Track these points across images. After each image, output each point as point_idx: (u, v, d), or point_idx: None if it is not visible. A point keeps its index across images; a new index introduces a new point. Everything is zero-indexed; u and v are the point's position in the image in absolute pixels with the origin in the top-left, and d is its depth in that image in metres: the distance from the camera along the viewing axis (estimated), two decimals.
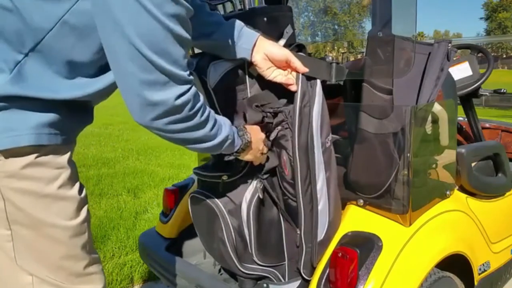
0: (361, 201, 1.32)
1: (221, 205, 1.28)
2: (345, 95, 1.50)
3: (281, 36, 1.22)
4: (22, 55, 0.78)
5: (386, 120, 1.27)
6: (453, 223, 1.42)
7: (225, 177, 1.24)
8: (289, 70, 1.15)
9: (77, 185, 0.89)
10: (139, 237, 1.84)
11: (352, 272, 1.12)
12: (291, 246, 1.33)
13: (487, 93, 2.25)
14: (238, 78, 1.18)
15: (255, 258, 1.31)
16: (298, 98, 1.13)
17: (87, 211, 0.92)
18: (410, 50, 1.29)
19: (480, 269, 1.50)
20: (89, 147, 5.87)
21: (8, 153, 0.78)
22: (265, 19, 1.20)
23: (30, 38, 0.77)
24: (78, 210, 0.88)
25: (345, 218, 1.31)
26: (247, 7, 1.28)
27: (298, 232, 1.25)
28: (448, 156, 1.49)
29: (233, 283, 1.47)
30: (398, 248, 1.20)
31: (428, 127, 1.35)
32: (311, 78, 1.17)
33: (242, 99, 1.20)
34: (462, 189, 1.58)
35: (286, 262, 1.34)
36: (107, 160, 5.09)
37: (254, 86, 1.20)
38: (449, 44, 1.37)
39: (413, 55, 1.28)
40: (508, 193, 1.76)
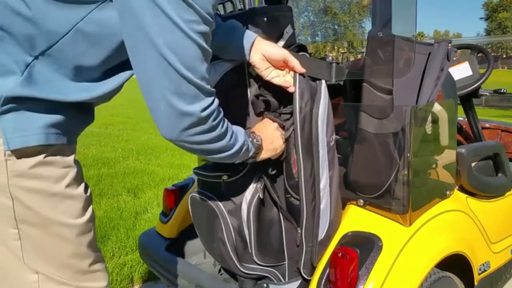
0: (361, 201, 1.32)
1: (221, 205, 1.28)
2: (345, 95, 1.50)
3: (281, 36, 1.22)
4: (32, 57, 0.78)
5: (386, 120, 1.27)
6: (453, 223, 1.43)
7: (225, 177, 1.25)
8: (287, 70, 1.15)
9: (83, 184, 0.91)
10: (139, 237, 1.84)
11: (352, 272, 1.12)
12: (291, 246, 1.33)
13: (487, 93, 2.25)
14: (238, 78, 1.18)
15: (255, 258, 1.31)
16: (297, 97, 1.14)
17: (92, 209, 0.94)
18: (410, 50, 1.29)
19: (480, 269, 1.50)
20: (89, 147, 5.88)
21: (18, 153, 0.79)
22: (265, 19, 1.20)
23: (42, 42, 0.78)
24: (85, 209, 0.90)
25: (345, 218, 1.31)
26: (247, 7, 1.28)
27: (299, 231, 1.25)
28: (448, 156, 1.49)
29: (233, 283, 1.47)
30: (398, 248, 1.20)
31: (428, 127, 1.35)
32: (314, 78, 1.18)
33: (242, 99, 1.20)
34: (462, 189, 1.58)
35: (286, 262, 1.34)
36: (107, 160, 5.09)
37: (254, 86, 1.20)
38: (449, 44, 1.38)
39: (413, 55, 1.28)
40: (508, 193, 1.77)
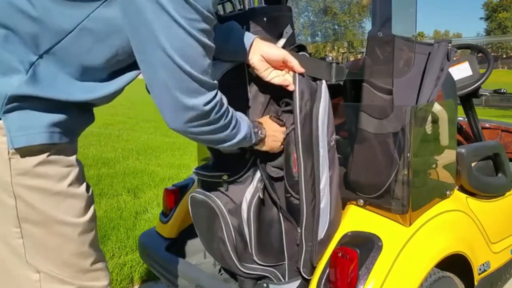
0: (361, 201, 1.32)
1: (221, 205, 1.28)
2: (345, 95, 1.50)
3: (280, 36, 1.22)
4: (36, 56, 0.79)
5: (386, 120, 1.27)
6: (453, 223, 1.43)
7: (225, 177, 1.25)
8: (287, 70, 1.15)
9: (84, 183, 0.92)
10: (139, 237, 1.84)
11: (352, 272, 1.12)
12: (291, 246, 1.33)
13: (487, 93, 2.25)
14: (238, 78, 1.18)
15: (255, 258, 1.31)
16: (297, 96, 1.14)
17: (94, 209, 0.94)
18: (410, 50, 1.29)
19: (480, 269, 1.50)
20: (89, 147, 5.87)
21: (22, 151, 0.80)
22: (264, 19, 1.20)
23: (47, 40, 0.79)
24: (87, 208, 0.90)
25: (345, 218, 1.31)
26: (246, 7, 1.28)
27: (299, 230, 1.25)
28: (448, 156, 1.49)
29: (233, 283, 1.47)
30: (398, 248, 1.20)
31: (428, 127, 1.35)
32: (314, 78, 1.18)
33: (242, 99, 1.20)
34: (462, 189, 1.58)
35: (286, 262, 1.34)
36: (107, 160, 5.09)
37: (254, 86, 1.20)
38: (449, 44, 1.38)
39: (413, 55, 1.28)
40: (508, 193, 1.77)
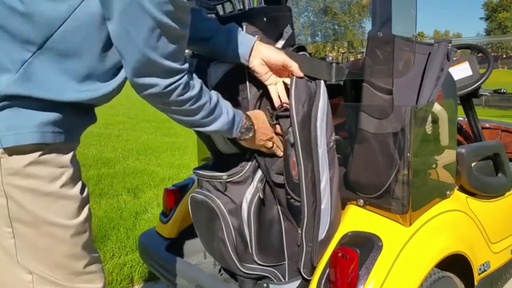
0: (361, 201, 1.32)
1: (221, 205, 1.28)
2: (345, 95, 1.50)
3: (280, 36, 1.22)
4: (29, 53, 0.78)
5: (386, 120, 1.27)
6: (453, 223, 1.42)
7: (225, 177, 1.25)
8: (287, 73, 1.15)
9: (79, 184, 0.90)
10: (139, 237, 1.84)
11: (352, 272, 1.12)
12: (291, 246, 1.33)
13: (487, 93, 2.25)
14: (238, 78, 1.18)
15: (255, 258, 1.31)
16: (293, 100, 1.13)
17: (89, 210, 0.93)
18: (410, 50, 1.29)
19: (480, 269, 1.50)
20: (89, 147, 5.87)
21: (12, 151, 0.78)
22: (264, 19, 1.20)
23: (37, 36, 0.78)
24: (80, 209, 0.89)
25: (345, 218, 1.31)
26: (246, 7, 1.28)
27: (299, 231, 1.25)
28: (448, 156, 1.49)
29: (233, 283, 1.47)
30: (398, 248, 1.20)
31: (428, 127, 1.35)
32: (314, 78, 1.17)
33: (242, 99, 1.20)
34: (462, 189, 1.58)
35: (286, 262, 1.35)
36: (107, 160, 5.09)
37: (253, 86, 1.20)
38: (449, 44, 1.37)
39: (413, 55, 1.28)
40: (508, 193, 1.76)
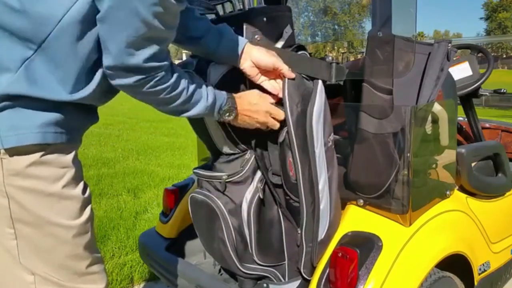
0: (361, 201, 1.32)
1: (221, 205, 1.28)
2: (345, 95, 1.50)
3: (280, 36, 1.22)
4: (31, 51, 0.78)
5: (386, 120, 1.27)
6: (453, 223, 1.42)
7: (225, 177, 1.25)
8: (277, 76, 1.14)
9: (81, 185, 0.90)
10: (139, 237, 1.84)
11: (352, 272, 1.12)
12: (291, 246, 1.33)
13: (487, 93, 2.25)
14: (238, 79, 1.18)
15: (255, 258, 1.31)
16: (287, 101, 1.13)
17: (91, 210, 0.93)
18: (410, 50, 1.29)
19: (480, 269, 1.50)
20: (89, 147, 5.87)
21: (14, 151, 0.78)
22: (264, 19, 1.20)
23: (36, 34, 0.78)
24: (82, 210, 0.89)
25: (345, 218, 1.31)
26: (246, 7, 1.28)
27: (299, 231, 1.25)
28: (448, 156, 1.49)
29: (233, 283, 1.47)
30: (398, 248, 1.20)
31: (428, 127, 1.35)
32: (312, 78, 1.17)
33: None
34: (462, 189, 1.58)
35: (286, 262, 1.35)
36: (107, 160, 5.09)
37: (253, 87, 1.20)
38: (449, 44, 1.37)
39: (413, 55, 1.28)
40: (508, 193, 1.76)
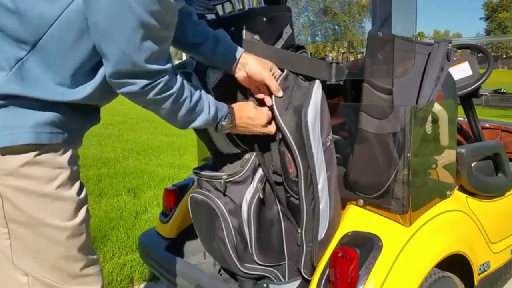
0: (361, 201, 1.32)
1: (221, 205, 1.28)
2: (345, 95, 1.50)
3: (280, 36, 1.22)
4: (24, 52, 0.78)
5: (386, 120, 1.26)
6: (453, 223, 1.42)
7: (225, 177, 1.25)
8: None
9: (76, 186, 0.89)
10: (139, 237, 1.84)
11: (352, 272, 1.12)
12: (291, 246, 1.33)
13: (487, 93, 2.25)
14: (237, 80, 1.18)
15: (255, 258, 1.31)
16: (278, 117, 1.15)
17: (86, 211, 0.92)
18: (410, 50, 1.29)
19: (480, 269, 1.50)
20: (89, 147, 5.87)
21: (6, 151, 0.78)
22: (264, 19, 1.20)
23: (30, 35, 0.77)
24: (77, 211, 0.88)
25: (345, 218, 1.31)
26: (246, 7, 1.28)
27: (299, 231, 1.25)
28: (448, 156, 1.49)
29: (233, 283, 1.47)
30: (398, 248, 1.20)
31: (428, 127, 1.35)
32: (309, 78, 1.17)
33: (241, 100, 1.20)
34: (462, 189, 1.58)
35: (286, 262, 1.35)
36: (107, 160, 5.09)
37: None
38: (449, 44, 1.37)
39: (413, 55, 1.28)
40: (508, 193, 1.76)
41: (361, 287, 1.12)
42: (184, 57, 1.42)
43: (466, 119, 2.23)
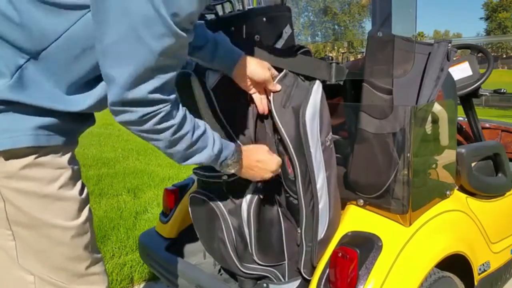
0: (361, 201, 1.32)
1: (221, 205, 1.28)
2: (345, 95, 1.50)
3: (280, 36, 1.22)
4: (24, 59, 0.78)
5: (386, 120, 1.26)
6: (453, 223, 1.42)
7: (225, 177, 1.24)
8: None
9: (78, 185, 0.89)
10: (139, 237, 1.84)
11: (352, 272, 1.12)
12: (291, 246, 1.33)
13: (487, 93, 2.25)
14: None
15: (255, 258, 1.31)
16: (277, 118, 1.14)
17: (89, 211, 0.92)
18: (410, 50, 1.29)
19: (480, 269, 1.50)
20: (89, 147, 5.87)
21: (7, 154, 0.78)
22: (264, 19, 1.20)
23: (33, 46, 0.78)
24: (80, 211, 0.89)
25: (345, 218, 1.31)
26: (246, 7, 1.28)
27: (299, 231, 1.25)
28: (448, 156, 1.49)
29: (233, 283, 1.47)
30: (398, 248, 1.20)
31: (428, 127, 1.35)
32: (310, 78, 1.17)
33: (240, 100, 1.20)
34: (462, 189, 1.58)
35: (286, 262, 1.35)
36: (107, 160, 5.09)
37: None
38: (449, 44, 1.37)
39: (413, 55, 1.28)
40: (508, 193, 1.76)
41: (361, 287, 1.12)
42: None
43: (466, 119, 2.23)
